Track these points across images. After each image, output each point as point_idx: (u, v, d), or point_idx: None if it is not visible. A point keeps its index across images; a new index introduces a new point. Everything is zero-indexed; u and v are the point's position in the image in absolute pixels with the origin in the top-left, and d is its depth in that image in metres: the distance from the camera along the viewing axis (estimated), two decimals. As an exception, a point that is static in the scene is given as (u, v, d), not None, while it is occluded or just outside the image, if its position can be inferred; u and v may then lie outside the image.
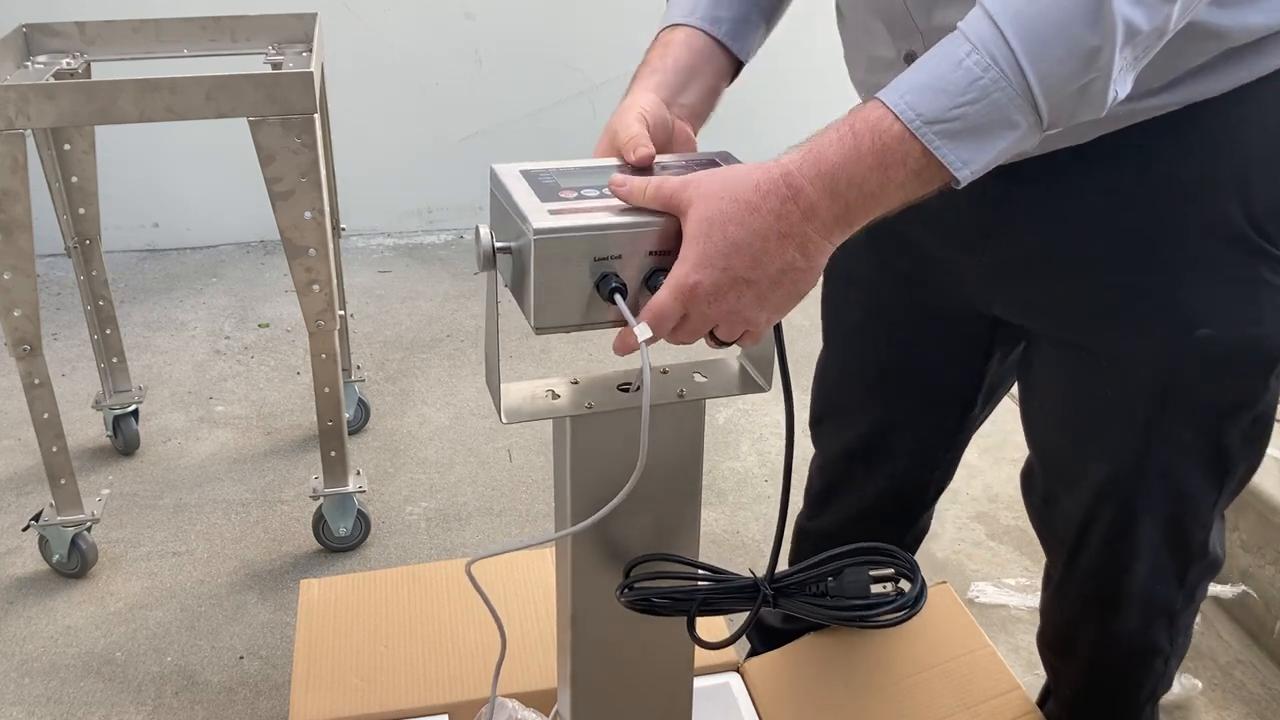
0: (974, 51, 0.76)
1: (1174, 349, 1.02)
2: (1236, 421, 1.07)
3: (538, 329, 0.85)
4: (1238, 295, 1.00)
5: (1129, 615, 1.21)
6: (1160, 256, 1.00)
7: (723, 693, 1.55)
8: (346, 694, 1.50)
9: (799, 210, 0.79)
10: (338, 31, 2.67)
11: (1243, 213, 0.97)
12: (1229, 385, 1.04)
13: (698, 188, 0.82)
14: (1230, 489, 1.13)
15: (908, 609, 0.89)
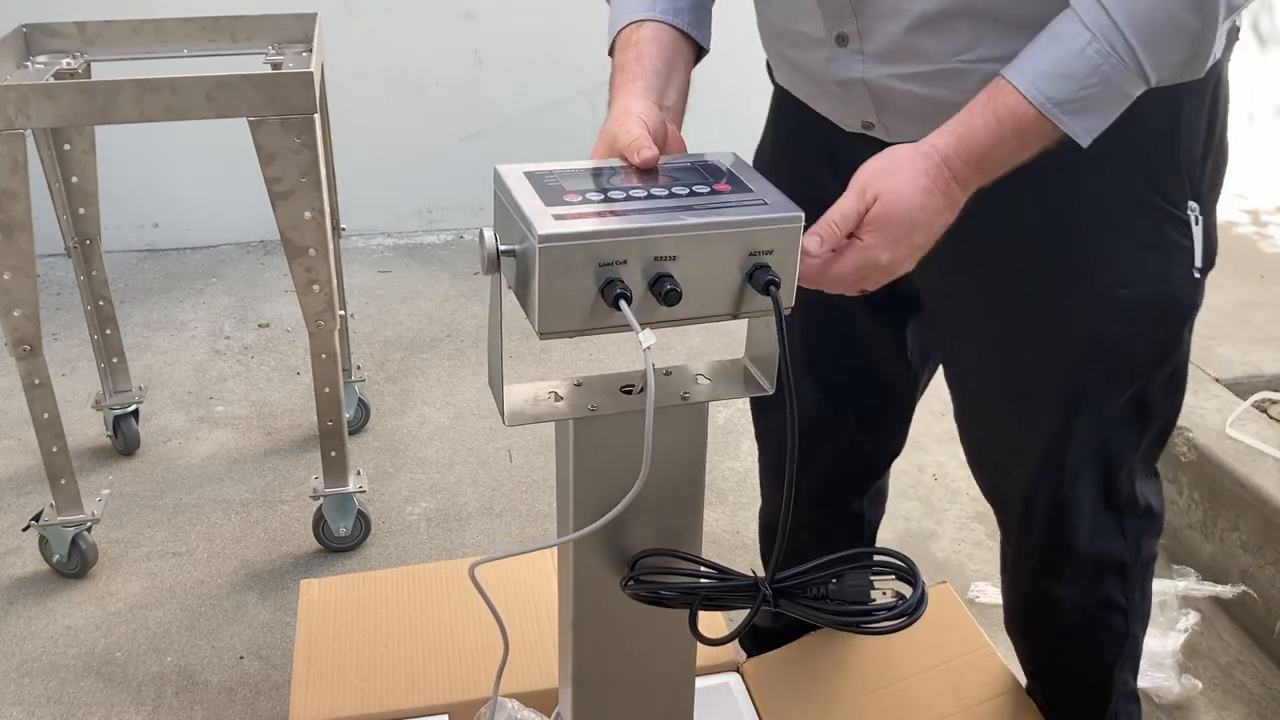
0: (1094, 41, 0.89)
1: (1098, 311, 1.10)
2: (1157, 374, 1.16)
3: (542, 334, 0.86)
4: (1150, 256, 1.08)
5: (1081, 574, 1.27)
6: (1078, 227, 1.08)
7: (723, 693, 1.55)
8: (346, 694, 1.50)
9: (960, 188, 0.94)
10: (338, 31, 2.67)
11: (1146, 181, 1.06)
12: (1149, 340, 1.12)
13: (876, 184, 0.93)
14: (1151, 439, 1.21)
15: (907, 616, 0.89)
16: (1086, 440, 1.17)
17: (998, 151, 0.93)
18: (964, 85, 1.00)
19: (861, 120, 1.13)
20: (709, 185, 0.92)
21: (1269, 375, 2.25)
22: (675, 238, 0.85)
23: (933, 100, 1.04)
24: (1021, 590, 1.37)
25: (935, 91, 1.04)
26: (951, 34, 1.00)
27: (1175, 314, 1.12)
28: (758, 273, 0.87)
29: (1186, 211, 1.08)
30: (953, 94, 1.01)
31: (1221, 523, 1.94)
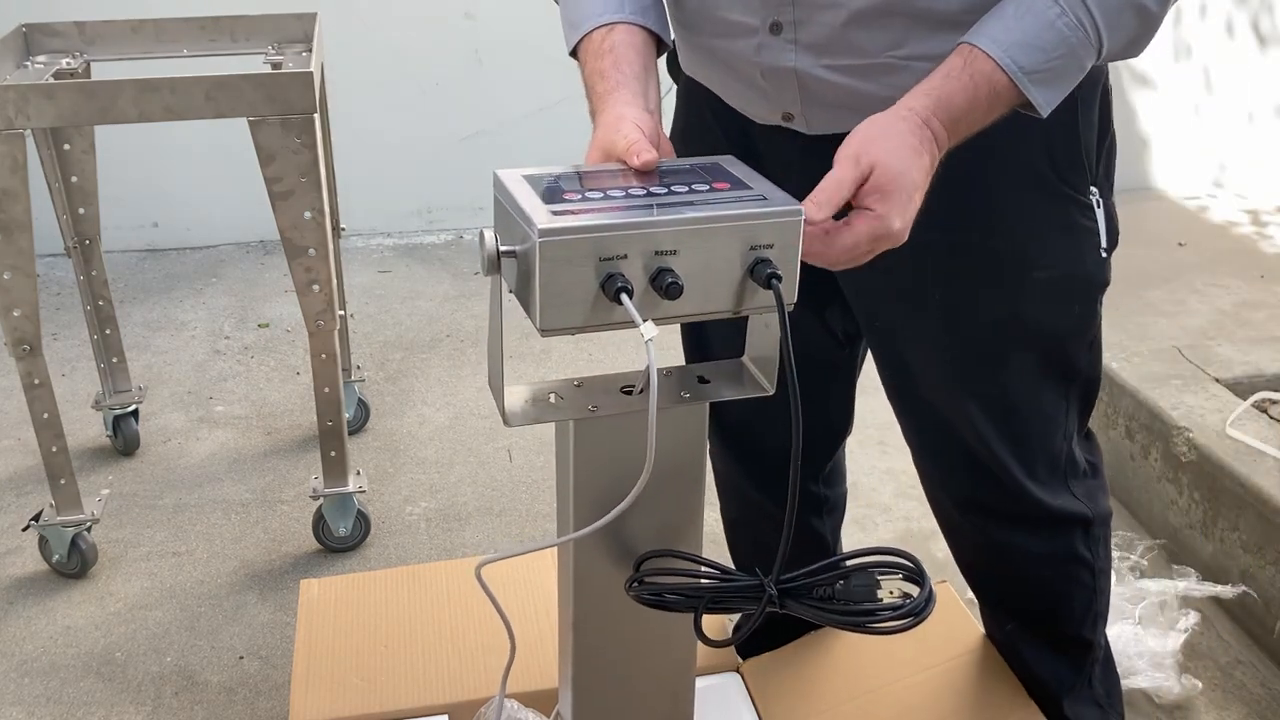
0: (1063, 14, 0.95)
1: (1016, 291, 1.16)
2: (1078, 344, 1.22)
3: (544, 331, 0.85)
4: (1060, 239, 1.15)
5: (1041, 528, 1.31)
6: (990, 213, 1.13)
7: (723, 693, 1.55)
8: (346, 694, 1.50)
9: (938, 145, 0.97)
10: (338, 31, 2.67)
11: (1051, 169, 1.12)
12: (1067, 315, 1.19)
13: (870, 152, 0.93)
14: (1079, 404, 1.27)
15: (914, 616, 0.89)
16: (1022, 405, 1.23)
17: (971, 115, 0.97)
18: (892, 80, 1.04)
19: (782, 112, 1.14)
20: (708, 184, 0.92)
21: (1269, 375, 2.24)
22: (676, 231, 0.85)
23: (859, 93, 1.07)
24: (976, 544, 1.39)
25: (863, 85, 1.07)
26: (886, 29, 1.04)
27: (1089, 291, 1.20)
28: (759, 266, 0.87)
29: (1089, 196, 1.14)
30: (880, 89, 1.05)
31: (1221, 523, 1.94)
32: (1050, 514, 1.30)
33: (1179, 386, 2.17)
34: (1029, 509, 1.29)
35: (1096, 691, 1.43)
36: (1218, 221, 3.88)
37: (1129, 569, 1.92)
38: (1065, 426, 1.27)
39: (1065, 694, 1.41)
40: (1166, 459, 2.08)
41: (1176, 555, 2.03)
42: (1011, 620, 1.45)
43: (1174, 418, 2.06)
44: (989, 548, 1.37)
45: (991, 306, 1.17)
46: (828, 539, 1.63)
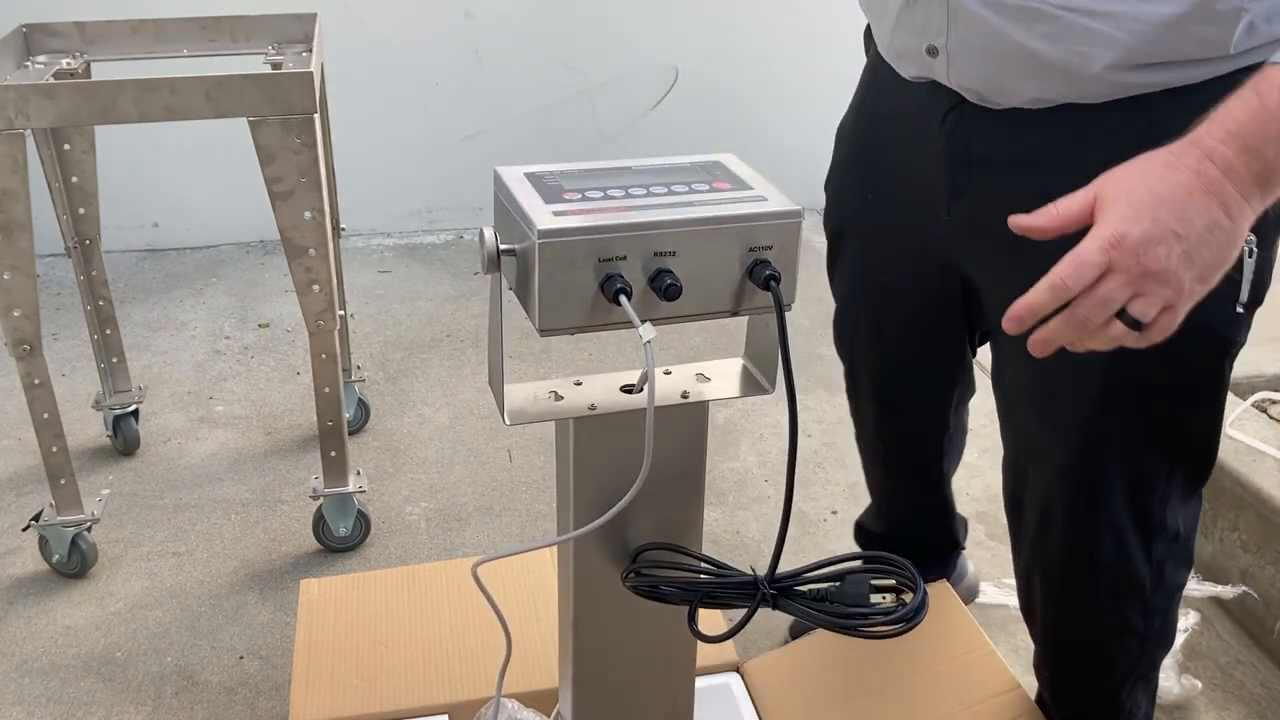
0: None
1: None
2: (1192, 408, 1.11)
3: (543, 331, 0.86)
4: None
5: (1100, 593, 1.24)
6: None
7: (723, 693, 1.55)
8: (346, 694, 1.50)
9: (1216, 168, 0.83)
10: (338, 31, 2.67)
11: None
12: (1184, 373, 1.06)
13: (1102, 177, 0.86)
14: (1185, 467, 1.16)
15: (905, 621, 0.89)
16: (1111, 457, 1.14)
17: (1262, 128, 0.83)
18: (1042, 29, 0.98)
19: (927, 45, 1.11)
20: (708, 183, 0.92)
21: (1269, 375, 2.24)
22: (675, 232, 0.85)
23: (1003, 38, 1.02)
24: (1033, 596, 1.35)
25: (1011, 28, 1.01)
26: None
27: (1209, 348, 1.07)
28: (758, 268, 0.87)
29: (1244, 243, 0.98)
30: (1028, 37, 0.99)
31: (1221, 522, 1.94)
32: (1113, 580, 1.22)
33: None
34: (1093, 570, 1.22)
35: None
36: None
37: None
38: (1164, 491, 1.17)
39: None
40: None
41: (1176, 555, 2.03)
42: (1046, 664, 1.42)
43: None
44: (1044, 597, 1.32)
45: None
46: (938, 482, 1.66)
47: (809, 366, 2.80)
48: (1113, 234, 0.83)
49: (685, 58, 3.61)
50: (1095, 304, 0.84)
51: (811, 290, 3.11)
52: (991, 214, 1.05)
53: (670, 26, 3.56)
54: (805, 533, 2.15)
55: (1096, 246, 0.84)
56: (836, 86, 1.46)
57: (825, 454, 2.42)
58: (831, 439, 2.48)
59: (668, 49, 3.59)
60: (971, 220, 1.16)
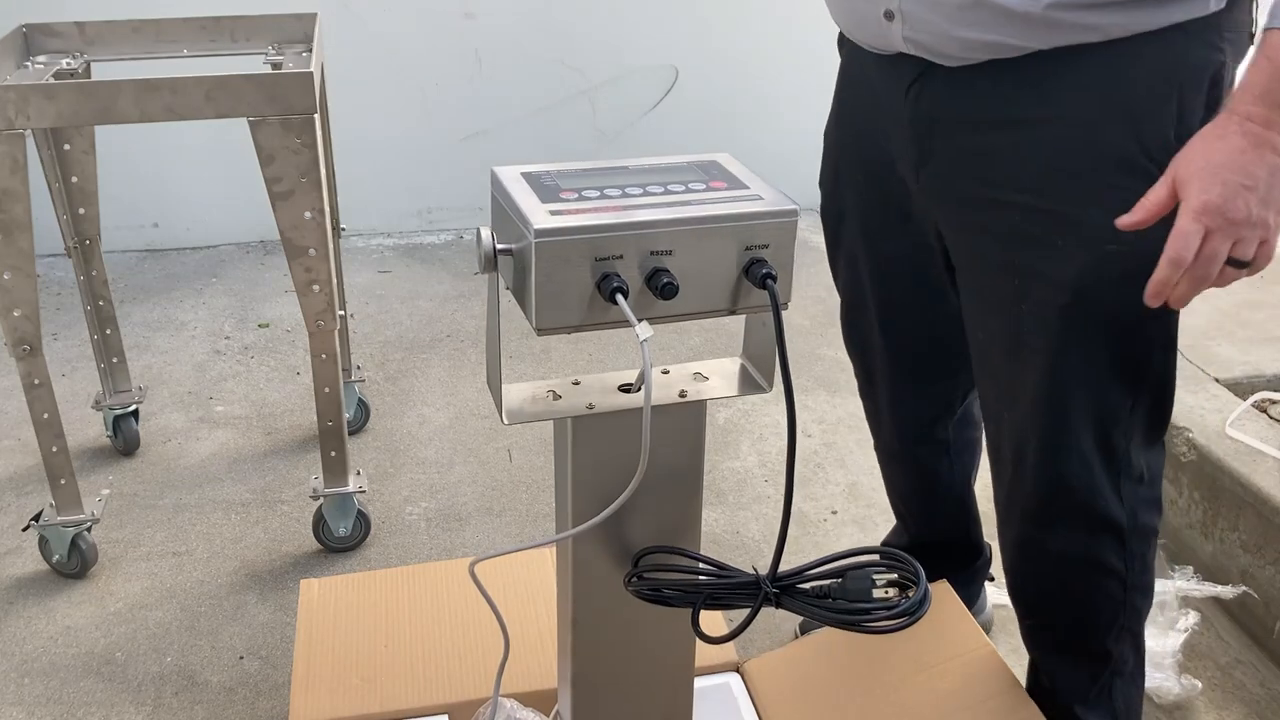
0: None
1: (1087, 264, 1.16)
2: (1145, 338, 1.21)
3: (539, 330, 0.86)
4: None
5: (1075, 528, 1.30)
6: (1071, 184, 1.15)
7: (723, 693, 1.55)
8: (346, 694, 1.50)
9: (1257, 124, 1.01)
10: (338, 31, 2.67)
11: (1137, 145, 1.12)
12: (1133, 295, 1.13)
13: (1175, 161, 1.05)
14: (1147, 405, 1.26)
15: (908, 616, 0.89)
16: (1076, 390, 1.23)
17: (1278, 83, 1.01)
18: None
19: (884, 9, 1.19)
20: (705, 183, 0.92)
21: (1269, 375, 2.24)
22: (671, 231, 0.85)
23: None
24: (1014, 540, 1.40)
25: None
26: None
27: None
28: (754, 267, 0.87)
29: None
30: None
31: (1221, 523, 1.94)
32: (1088, 516, 1.28)
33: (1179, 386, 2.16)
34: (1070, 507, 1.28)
35: (1116, 706, 1.41)
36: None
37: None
38: (1126, 425, 1.25)
39: (1077, 702, 1.41)
40: (1166, 459, 2.08)
41: (1176, 555, 2.03)
42: (1032, 618, 1.45)
43: (1174, 417, 2.06)
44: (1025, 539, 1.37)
45: (1058, 275, 1.18)
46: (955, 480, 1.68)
47: (808, 366, 2.79)
48: (1198, 205, 1.01)
49: (685, 58, 3.61)
50: (1205, 262, 1.03)
51: (810, 290, 3.13)
52: (954, 175, 1.23)
53: (670, 26, 3.56)
54: (805, 532, 2.15)
55: (1190, 219, 1.02)
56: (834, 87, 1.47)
57: (825, 454, 2.42)
58: (831, 439, 2.48)
59: (668, 49, 3.59)
60: (938, 183, 1.26)
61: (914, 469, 1.69)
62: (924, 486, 1.71)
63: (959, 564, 1.76)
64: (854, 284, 1.53)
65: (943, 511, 1.73)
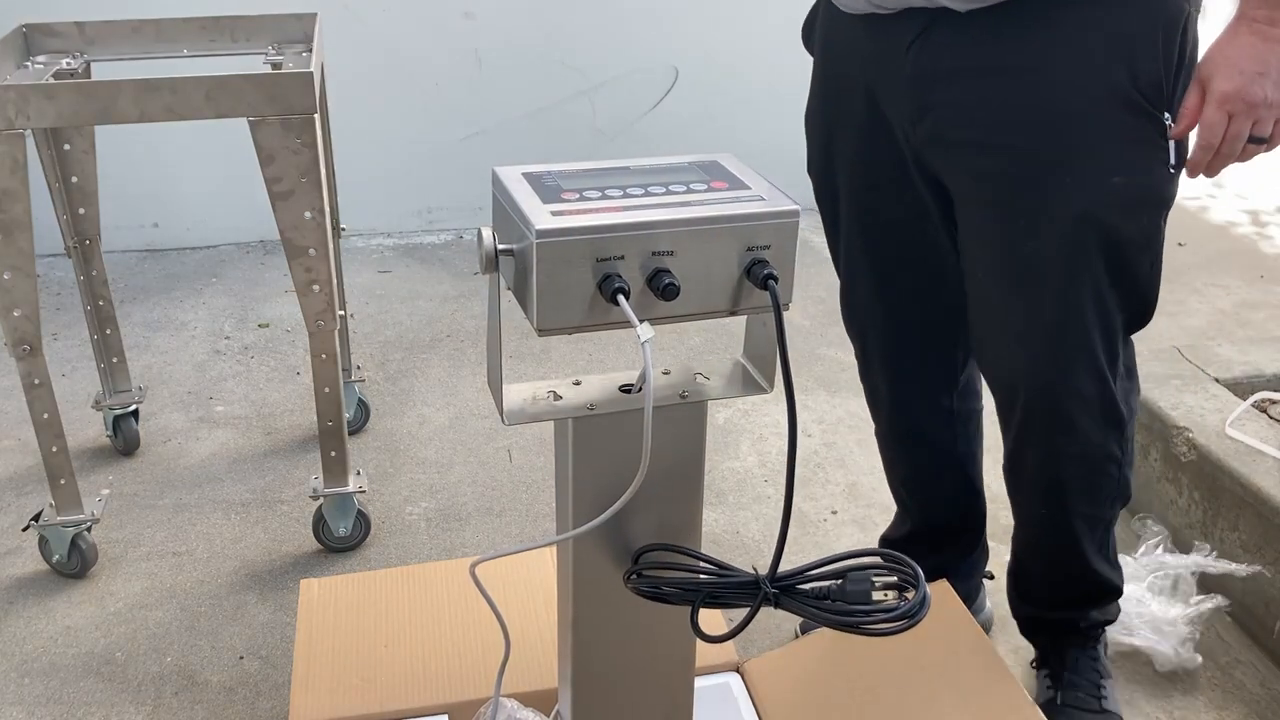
0: None
1: (1094, 194, 1.27)
2: (1142, 256, 1.34)
3: (541, 330, 0.86)
4: (1136, 151, 1.27)
5: (1091, 431, 1.43)
6: (1074, 122, 1.25)
7: (723, 693, 1.55)
8: (346, 694, 1.50)
9: (1261, 24, 1.19)
10: (338, 31, 2.67)
11: (1131, 83, 1.24)
12: (1135, 222, 1.30)
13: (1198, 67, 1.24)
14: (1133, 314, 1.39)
15: (908, 619, 0.89)
16: (1086, 310, 1.34)
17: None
18: None
19: None
20: (706, 183, 0.92)
21: (1269, 375, 2.24)
22: (673, 232, 0.85)
23: None
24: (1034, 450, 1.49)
25: None
26: None
27: (1156, 202, 1.31)
28: (755, 267, 0.87)
29: (1164, 116, 1.26)
30: None
31: (1221, 523, 1.94)
32: (1102, 416, 1.42)
33: (1179, 386, 2.17)
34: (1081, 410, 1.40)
35: (1109, 552, 1.61)
36: (1218, 222, 3.88)
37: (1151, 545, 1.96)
38: (1119, 330, 1.39)
39: (1084, 554, 1.56)
40: (1166, 459, 2.08)
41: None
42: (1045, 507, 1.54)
43: (1174, 418, 2.06)
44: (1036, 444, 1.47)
45: (1065, 209, 1.28)
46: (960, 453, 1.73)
47: (809, 366, 2.80)
48: (1220, 95, 1.20)
49: (685, 58, 3.61)
50: (1230, 142, 1.22)
51: (811, 290, 3.13)
52: (957, 123, 1.31)
53: (670, 26, 3.56)
54: (805, 532, 2.15)
55: (1214, 108, 1.21)
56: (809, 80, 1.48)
57: (825, 454, 2.42)
58: (831, 439, 2.48)
59: (668, 49, 3.59)
60: (939, 133, 1.33)
61: (918, 447, 1.73)
62: (929, 465, 1.74)
63: (962, 550, 1.80)
64: (851, 262, 1.58)
65: (947, 492, 1.76)
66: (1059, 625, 1.67)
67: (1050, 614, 1.67)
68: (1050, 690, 1.65)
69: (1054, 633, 1.68)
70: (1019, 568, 1.69)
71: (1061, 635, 1.67)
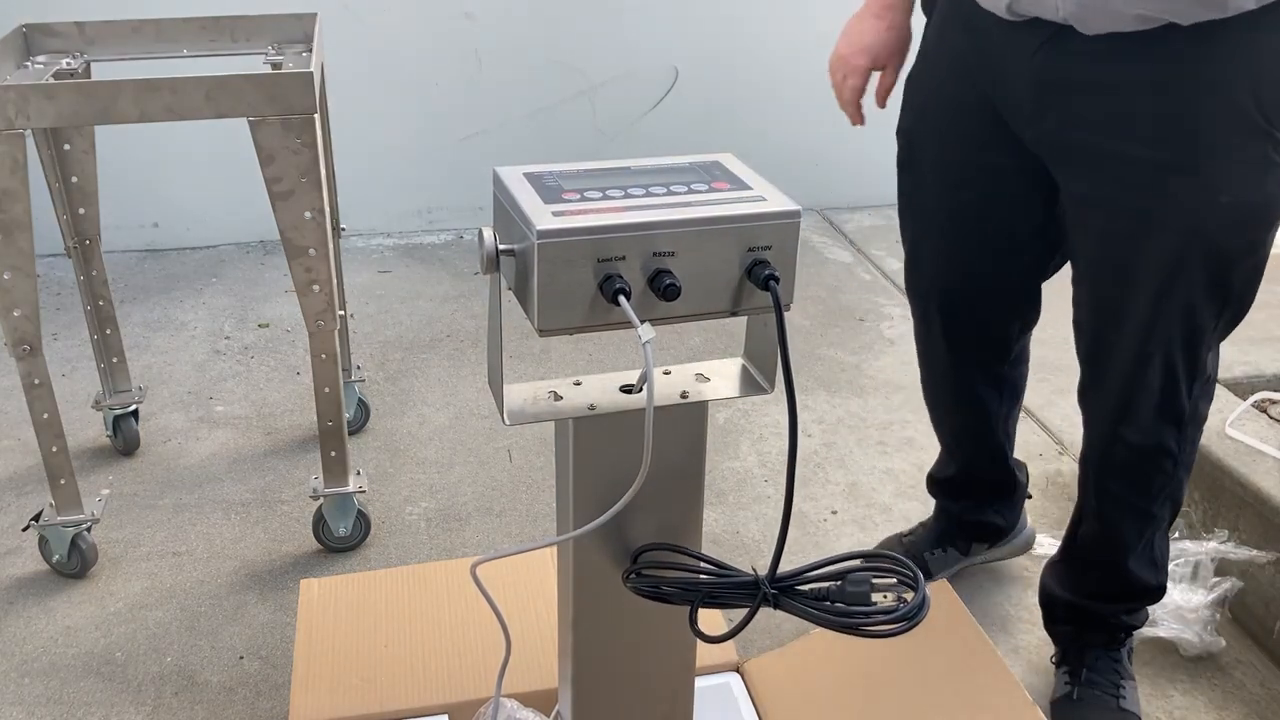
0: None
1: (1201, 210, 1.32)
2: (1242, 265, 1.38)
3: (541, 331, 0.86)
4: (1250, 170, 1.31)
5: (1149, 424, 1.48)
6: (1192, 138, 1.30)
7: (723, 693, 1.55)
8: (346, 694, 1.50)
9: None
10: (338, 31, 2.67)
11: (1256, 108, 1.28)
12: (1241, 236, 1.35)
13: None
14: (1227, 320, 1.44)
15: (907, 620, 0.89)
16: (1175, 315, 1.40)
17: None
18: None
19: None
20: (707, 184, 0.92)
21: (1269, 375, 2.25)
22: (674, 233, 0.85)
23: None
24: (1097, 431, 1.56)
25: None
26: None
27: (1265, 219, 1.36)
28: (757, 268, 0.87)
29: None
30: None
31: (1221, 523, 1.94)
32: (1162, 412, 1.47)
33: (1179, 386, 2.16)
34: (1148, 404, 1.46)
35: (1154, 554, 1.63)
36: (1218, 221, 3.88)
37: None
38: (1209, 339, 1.44)
39: (1128, 553, 1.60)
40: (1166, 459, 2.07)
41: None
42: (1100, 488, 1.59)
43: (1174, 418, 2.06)
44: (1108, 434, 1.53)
45: (1177, 219, 1.34)
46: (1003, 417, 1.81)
47: (809, 366, 2.80)
48: None
49: (685, 58, 3.61)
50: None
51: (811, 290, 3.14)
52: (1078, 128, 1.37)
53: (670, 26, 3.56)
54: (805, 533, 2.15)
55: None
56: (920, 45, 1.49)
57: (825, 454, 2.42)
58: (831, 439, 2.48)
59: (668, 49, 3.59)
60: (1058, 136, 1.40)
61: (969, 411, 1.80)
62: (976, 425, 1.82)
63: (1006, 491, 1.92)
64: (926, 229, 1.66)
65: (991, 447, 1.85)
66: (1086, 616, 1.69)
67: (1081, 601, 1.68)
68: (1068, 686, 1.67)
69: (1079, 624, 1.70)
70: (1065, 553, 1.72)
71: (1086, 629, 1.69)
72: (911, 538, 1.99)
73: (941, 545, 1.95)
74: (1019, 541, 2.00)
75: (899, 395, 2.66)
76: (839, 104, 1.63)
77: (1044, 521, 2.14)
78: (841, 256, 3.42)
